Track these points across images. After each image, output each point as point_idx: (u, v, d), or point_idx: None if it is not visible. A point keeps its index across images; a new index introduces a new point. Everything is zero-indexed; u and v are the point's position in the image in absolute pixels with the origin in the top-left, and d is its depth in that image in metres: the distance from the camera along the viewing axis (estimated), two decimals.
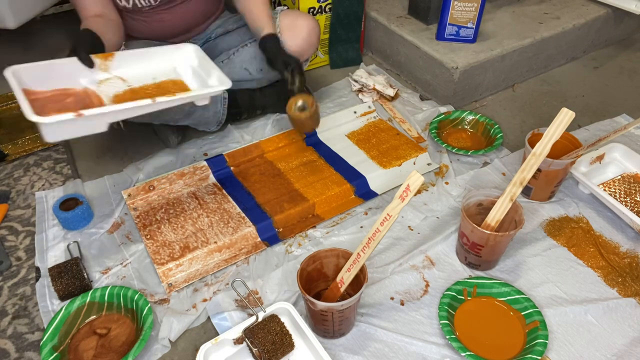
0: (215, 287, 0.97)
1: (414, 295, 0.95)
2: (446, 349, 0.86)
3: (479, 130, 1.32)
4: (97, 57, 0.98)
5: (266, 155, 1.25)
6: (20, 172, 1.25)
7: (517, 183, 0.91)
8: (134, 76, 1.02)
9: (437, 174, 1.22)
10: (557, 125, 0.90)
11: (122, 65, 1.01)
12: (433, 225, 1.09)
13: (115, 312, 0.92)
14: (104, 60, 0.99)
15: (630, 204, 1.10)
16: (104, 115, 0.86)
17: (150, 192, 1.13)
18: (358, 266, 0.80)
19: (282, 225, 1.08)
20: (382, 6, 1.63)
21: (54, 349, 0.85)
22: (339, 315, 0.81)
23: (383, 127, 1.34)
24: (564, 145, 1.09)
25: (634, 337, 0.88)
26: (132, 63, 1.02)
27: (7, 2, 1.41)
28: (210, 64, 1.03)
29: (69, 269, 0.95)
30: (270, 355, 0.81)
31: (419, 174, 0.72)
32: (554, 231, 1.06)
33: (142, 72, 1.03)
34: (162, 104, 0.90)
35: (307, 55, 1.32)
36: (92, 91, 0.97)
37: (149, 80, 1.03)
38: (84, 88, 0.97)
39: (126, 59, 1.02)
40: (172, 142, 1.28)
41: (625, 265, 0.99)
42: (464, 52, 1.40)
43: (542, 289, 0.95)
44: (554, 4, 1.63)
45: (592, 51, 1.69)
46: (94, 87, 0.98)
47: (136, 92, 0.99)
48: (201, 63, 1.05)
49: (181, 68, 1.07)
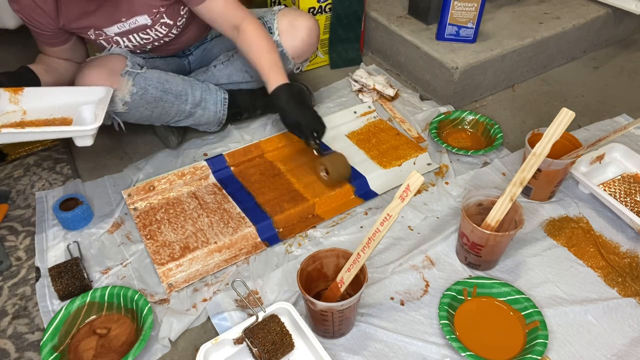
0: (215, 287, 0.97)
1: (414, 295, 0.95)
2: (446, 349, 0.86)
3: (479, 130, 1.32)
4: (7, 91, 1.02)
5: (266, 155, 1.25)
6: (20, 172, 1.25)
7: (517, 183, 0.91)
8: (35, 110, 1.05)
9: (437, 174, 1.22)
10: (557, 125, 0.90)
11: (31, 100, 1.04)
12: (433, 225, 1.09)
13: (115, 312, 0.92)
14: (13, 93, 1.03)
15: (630, 204, 1.10)
16: None
17: (150, 192, 1.13)
18: (358, 266, 0.80)
19: (282, 225, 1.08)
20: (382, 6, 1.63)
21: (54, 349, 0.85)
22: (339, 315, 0.81)
23: (383, 127, 1.34)
24: (564, 145, 1.09)
25: (634, 337, 0.88)
26: (40, 98, 1.05)
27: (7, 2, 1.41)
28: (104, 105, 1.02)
29: (69, 269, 0.95)
30: (270, 355, 0.81)
31: (419, 174, 0.72)
32: (554, 231, 1.06)
33: (46, 107, 1.06)
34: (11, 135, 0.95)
35: (306, 56, 1.31)
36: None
37: (46, 115, 1.05)
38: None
39: (35, 94, 1.05)
40: (172, 143, 1.28)
41: (625, 265, 0.99)
42: (464, 52, 1.40)
43: (542, 289, 0.95)
44: (554, 4, 1.63)
45: (592, 51, 1.69)
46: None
47: (22, 124, 1.02)
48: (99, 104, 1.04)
49: (84, 107, 1.06)
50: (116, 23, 1.09)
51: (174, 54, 1.33)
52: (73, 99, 1.06)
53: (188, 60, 1.37)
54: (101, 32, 1.10)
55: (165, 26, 1.14)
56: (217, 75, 1.31)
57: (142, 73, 1.11)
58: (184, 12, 1.15)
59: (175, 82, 1.17)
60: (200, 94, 1.22)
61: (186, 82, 1.20)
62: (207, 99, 1.23)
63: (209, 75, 1.31)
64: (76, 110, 1.05)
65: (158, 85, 1.14)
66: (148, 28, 1.12)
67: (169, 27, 1.15)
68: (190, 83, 1.21)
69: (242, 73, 1.31)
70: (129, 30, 1.11)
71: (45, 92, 1.06)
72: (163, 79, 1.15)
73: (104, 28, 1.10)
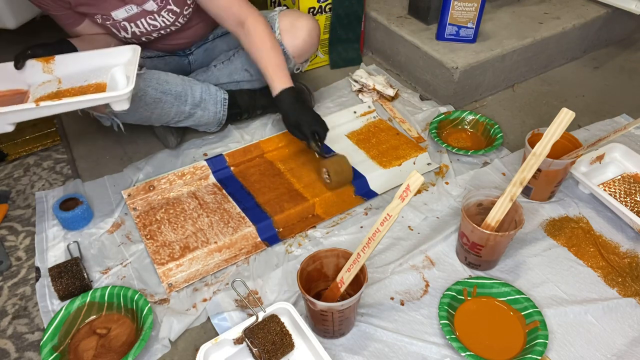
0: (215, 287, 0.97)
1: (414, 295, 0.95)
2: (446, 349, 0.86)
3: (479, 130, 1.32)
4: (39, 61, 1.03)
5: (266, 155, 1.25)
6: (20, 172, 1.25)
7: (517, 183, 0.91)
8: (69, 78, 1.05)
9: (437, 174, 1.22)
10: (557, 125, 0.90)
11: (63, 68, 1.05)
12: (433, 225, 1.09)
13: (115, 312, 0.92)
14: (45, 63, 1.04)
15: (630, 204, 1.10)
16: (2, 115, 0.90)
17: (150, 192, 1.13)
18: (358, 266, 0.80)
19: (282, 225, 1.08)
20: (382, 6, 1.63)
21: (54, 349, 0.85)
22: (339, 315, 0.82)
23: (383, 127, 1.34)
24: (564, 145, 1.09)
25: (634, 337, 0.88)
26: (71, 65, 1.05)
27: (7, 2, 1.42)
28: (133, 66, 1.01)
29: (69, 269, 0.95)
30: (270, 355, 0.81)
31: (419, 174, 0.72)
32: (554, 231, 1.06)
33: (79, 73, 1.05)
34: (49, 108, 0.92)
35: (307, 55, 1.32)
36: (27, 92, 1.03)
37: (81, 82, 1.05)
38: (27, 89, 1.03)
39: (66, 61, 1.05)
40: (171, 143, 1.28)
41: (625, 265, 0.99)
42: (464, 52, 1.40)
43: (542, 289, 0.95)
44: (554, 4, 1.63)
45: (592, 51, 1.69)
46: (33, 88, 1.03)
47: (59, 94, 1.02)
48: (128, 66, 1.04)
49: (115, 70, 1.06)
50: (123, 6, 1.09)
51: (176, 51, 1.33)
52: (103, 62, 1.06)
53: (189, 60, 1.37)
54: (108, 17, 1.10)
55: (172, 13, 1.15)
56: (218, 75, 1.31)
57: (141, 74, 1.11)
58: (191, 1, 1.16)
59: (175, 83, 1.17)
60: (200, 94, 1.22)
61: (186, 83, 1.20)
62: (206, 99, 1.23)
63: (210, 75, 1.31)
64: (108, 74, 1.05)
65: (157, 86, 1.14)
66: (155, 14, 1.13)
67: (176, 15, 1.16)
68: (190, 84, 1.21)
69: (243, 72, 1.31)
70: (135, 15, 1.11)
71: (75, 58, 1.06)
72: (162, 80, 1.15)
73: (111, 11, 1.10)
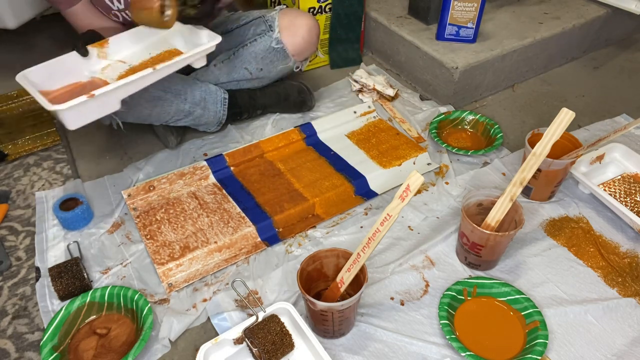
0: (215, 287, 0.97)
1: (414, 295, 0.95)
2: (446, 349, 0.86)
3: (479, 130, 1.32)
4: (93, 47, 1.04)
5: (266, 155, 1.25)
6: (20, 172, 1.25)
7: (517, 183, 0.91)
8: (131, 56, 1.08)
9: (437, 174, 1.22)
10: (557, 125, 0.90)
11: (118, 49, 1.06)
12: (433, 225, 1.09)
13: (115, 312, 0.92)
14: (100, 48, 1.05)
15: (630, 204, 1.10)
16: (113, 92, 0.93)
17: (150, 192, 1.13)
18: (358, 266, 0.80)
19: (282, 225, 1.08)
20: (382, 6, 1.63)
21: (54, 349, 0.85)
22: (339, 315, 0.82)
23: (383, 127, 1.34)
24: (564, 145, 1.09)
25: (634, 337, 0.88)
26: (126, 44, 1.07)
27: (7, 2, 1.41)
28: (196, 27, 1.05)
29: (69, 269, 0.95)
30: (270, 355, 0.81)
31: (419, 174, 0.72)
32: (554, 231, 1.06)
33: (138, 50, 1.08)
34: (164, 70, 0.97)
35: (306, 54, 1.32)
36: (98, 78, 1.04)
37: (146, 56, 1.08)
38: (90, 78, 1.04)
39: (120, 42, 1.07)
40: (171, 143, 1.27)
41: (625, 265, 0.99)
42: (464, 52, 1.40)
43: (542, 289, 0.95)
44: (554, 4, 1.63)
45: (592, 51, 1.69)
46: (98, 74, 1.05)
47: (136, 69, 1.03)
48: (189, 28, 1.07)
49: (172, 38, 1.10)
50: None
51: None
52: (156, 36, 1.08)
53: None
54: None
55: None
56: (217, 74, 1.31)
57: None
58: None
59: (175, 81, 1.17)
60: (200, 93, 1.22)
61: (186, 82, 1.20)
62: (206, 98, 1.23)
63: (209, 74, 1.31)
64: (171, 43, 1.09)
65: (157, 84, 1.13)
66: None
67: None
68: (190, 82, 1.21)
69: (242, 70, 1.31)
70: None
71: (129, 37, 1.07)
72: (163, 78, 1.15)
73: None
